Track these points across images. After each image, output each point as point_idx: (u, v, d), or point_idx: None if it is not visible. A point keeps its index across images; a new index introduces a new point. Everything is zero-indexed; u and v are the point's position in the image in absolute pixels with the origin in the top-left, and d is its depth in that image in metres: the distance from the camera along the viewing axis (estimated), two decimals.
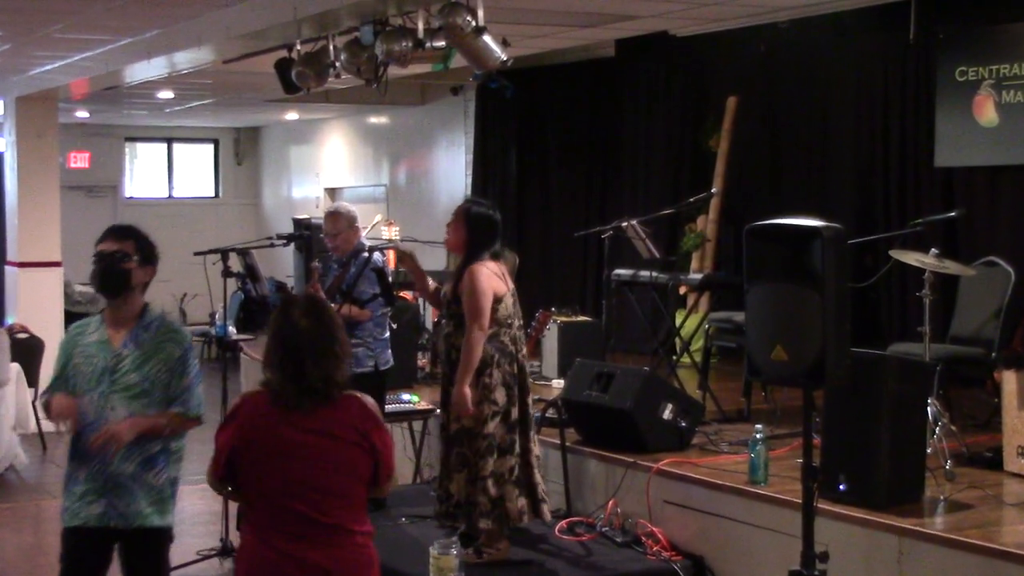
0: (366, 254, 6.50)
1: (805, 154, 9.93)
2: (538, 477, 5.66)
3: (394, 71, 6.68)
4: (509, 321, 5.57)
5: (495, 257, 5.61)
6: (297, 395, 3.33)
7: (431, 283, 5.97)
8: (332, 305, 6.11)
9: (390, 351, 6.73)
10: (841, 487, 5.17)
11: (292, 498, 3.31)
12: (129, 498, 3.99)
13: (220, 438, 3.39)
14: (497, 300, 5.50)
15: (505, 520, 5.55)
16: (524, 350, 5.71)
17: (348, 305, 6.32)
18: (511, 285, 5.66)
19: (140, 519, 4.01)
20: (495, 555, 5.63)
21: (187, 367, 4.01)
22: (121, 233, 4.09)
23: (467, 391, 5.43)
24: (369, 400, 3.51)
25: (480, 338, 5.41)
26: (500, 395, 5.50)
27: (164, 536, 4.10)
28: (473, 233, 5.55)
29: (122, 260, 4.00)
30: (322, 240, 7.09)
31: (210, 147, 18.61)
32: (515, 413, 5.56)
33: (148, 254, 4.08)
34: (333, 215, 6.75)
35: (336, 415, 3.38)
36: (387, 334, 6.69)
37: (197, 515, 7.53)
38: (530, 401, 5.69)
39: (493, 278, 5.51)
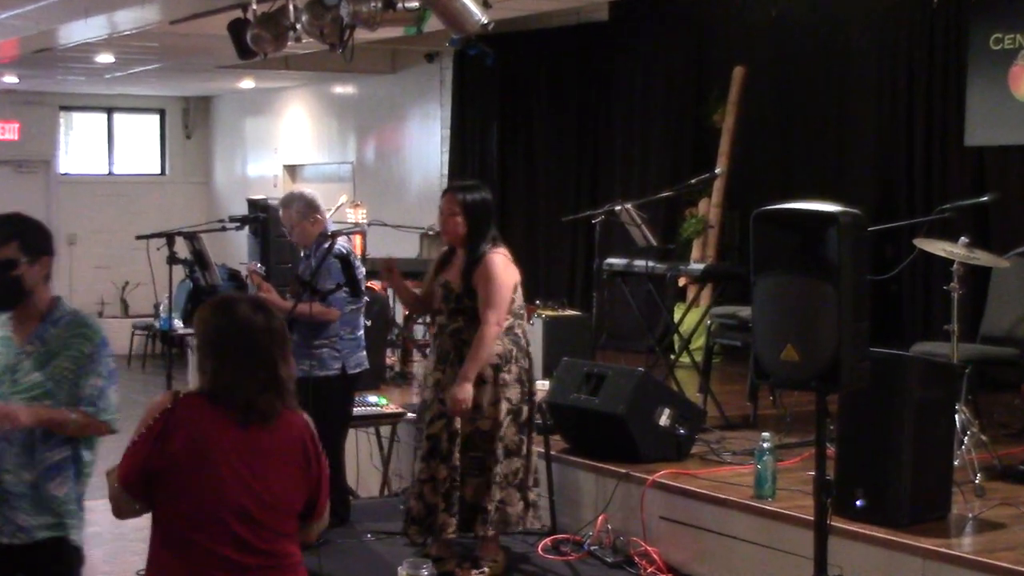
0: (327, 240, 6.43)
1: (820, 131, 9.93)
2: (531, 481, 5.80)
3: (361, 35, 6.64)
4: (522, 312, 5.77)
5: (497, 241, 5.73)
6: (256, 403, 3.22)
7: (412, 289, 6.04)
8: (300, 302, 6.12)
9: (364, 353, 6.64)
10: (858, 503, 5.18)
11: (225, 524, 3.18)
12: (28, 510, 3.93)
13: (140, 445, 3.22)
14: (514, 289, 5.68)
15: (503, 525, 5.68)
16: (530, 344, 5.84)
17: (309, 301, 6.23)
18: None
19: (42, 532, 3.94)
20: (495, 568, 5.73)
21: (98, 365, 3.95)
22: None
23: (470, 388, 5.50)
24: (309, 420, 3.42)
25: (496, 333, 5.55)
26: (514, 393, 5.66)
27: (73, 555, 4.02)
28: (473, 222, 5.67)
29: (7, 270, 3.92)
30: (280, 225, 7.01)
31: (155, 118, 18.51)
32: (525, 412, 5.71)
33: (36, 246, 3.98)
34: (285, 206, 6.62)
35: (283, 433, 3.27)
36: (359, 333, 6.60)
37: (139, 529, 7.48)
38: (536, 400, 5.85)
39: (510, 266, 5.69)
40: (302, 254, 6.70)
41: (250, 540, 3.19)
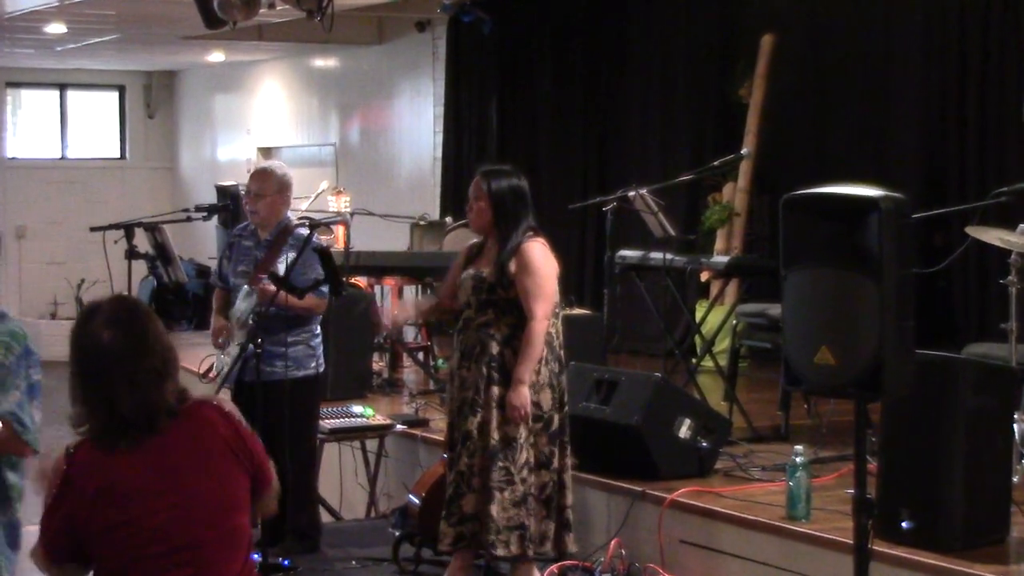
0: (304, 231, 6.43)
1: (859, 106, 9.91)
2: (571, 499, 5.84)
3: (343, 0, 6.61)
4: (557, 309, 5.85)
5: (535, 230, 5.81)
6: (112, 431, 3.20)
7: (439, 297, 6.22)
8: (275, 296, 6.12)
9: (323, 351, 6.73)
10: (903, 525, 5.16)
11: (161, 568, 3.19)
12: None
13: (52, 515, 3.22)
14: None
15: (523, 544, 5.68)
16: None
17: (287, 296, 6.22)
18: None
19: None
20: None
21: (16, 378, 3.91)
22: None
23: (526, 392, 5.66)
24: (221, 399, 3.45)
25: (544, 329, 5.69)
26: (545, 398, 5.75)
27: None
28: (501, 210, 5.76)
29: None
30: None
31: (114, 96, 18.53)
32: (557, 421, 5.78)
33: None
34: (262, 173, 6.63)
35: (192, 432, 3.27)
36: (319, 329, 6.67)
37: None
38: (567, 408, 5.88)
39: (551, 257, 5.80)
40: (246, 243, 6.61)
41: None
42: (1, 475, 3.97)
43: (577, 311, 9.23)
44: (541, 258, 5.73)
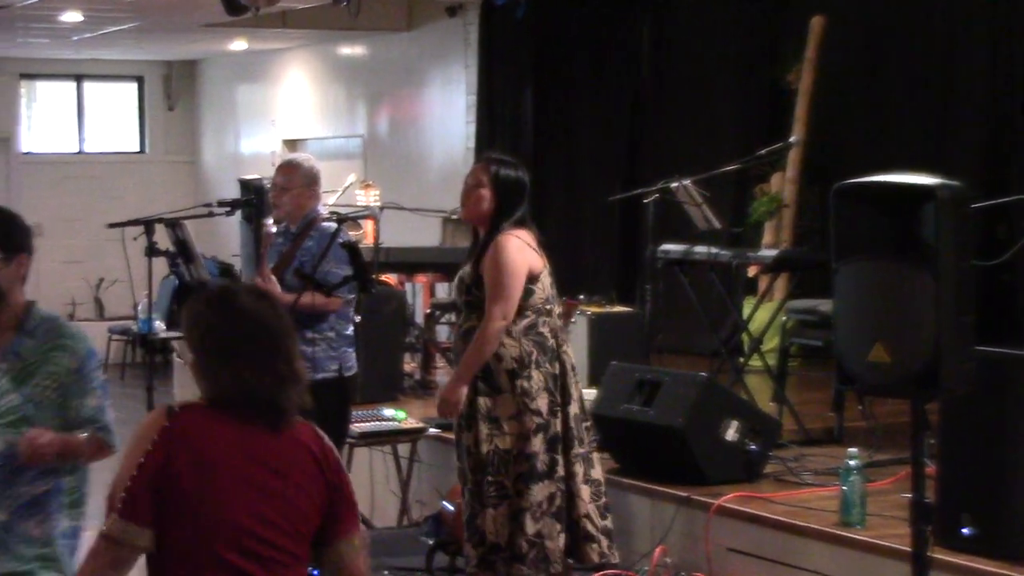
0: (331, 225, 6.46)
1: (915, 90, 9.87)
2: (586, 508, 5.72)
3: None
4: (548, 307, 5.70)
5: (521, 223, 5.68)
6: (279, 402, 3.28)
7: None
8: (287, 292, 6.15)
9: (354, 353, 6.71)
10: (964, 531, 5.16)
11: (236, 551, 3.24)
12: (4, 555, 3.94)
13: (142, 473, 3.25)
14: (532, 279, 5.62)
15: (545, 563, 5.60)
16: (567, 344, 5.80)
17: (311, 292, 6.28)
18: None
19: None
20: None
21: (89, 382, 3.96)
22: None
23: (463, 389, 5.55)
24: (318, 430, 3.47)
25: (499, 330, 5.51)
26: (542, 403, 5.61)
27: None
28: (503, 200, 5.66)
29: None
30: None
31: (133, 87, 18.62)
32: (556, 426, 5.65)
33: (13, 242, 4.01)
34: (288, 165, 6.72)
35: (295, 441, 3.34)
36: (351, 330, 6.68)
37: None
38: (573, 411, 5.75)
39: (526, 250, 5.62)
40: (274, 230, 6.65)
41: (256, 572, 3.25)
42: (59, 483, 4.00)
43: (617, 308, 9.25)
44: (511, 252, 5.54)
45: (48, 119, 18.42)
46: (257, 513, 3.25)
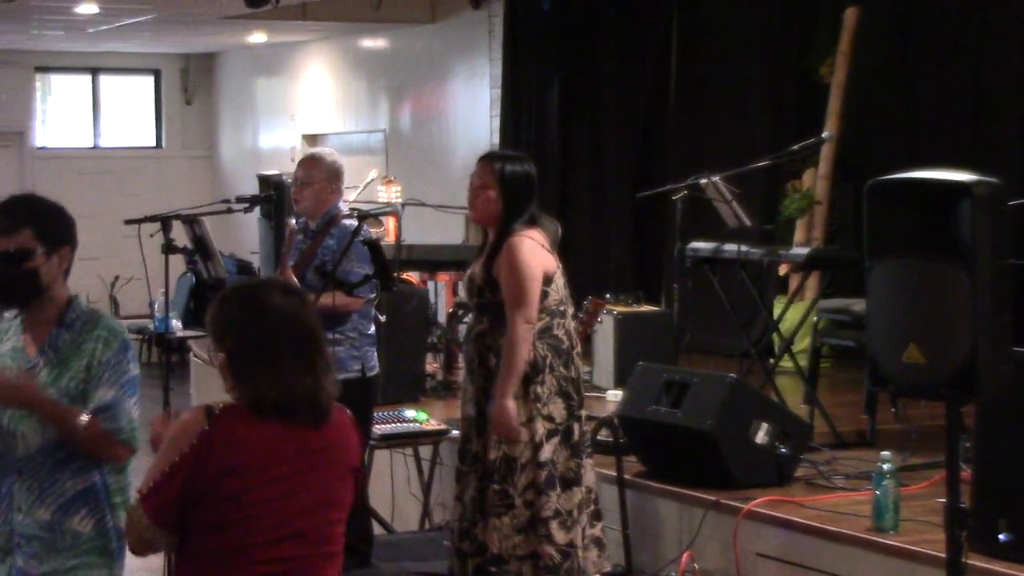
0: (352, 222, 6.49)
1: (951, 84, 9.84)
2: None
3: None
4: (562, 308, 5.68)
5: (532, 223, 5.66)
6: (320, 400, 3.36)
7: None
8: (308, 291, 6.17)
9: (375, 353, 6.75)
10: (1001, 537, 5.14)
11: (274, 557, 3.30)
12: (47, 555, 3.96)
13: (175, 474, 3.27)
14: (547, 281, 5.60)
15: (581, 575, 5.61)
16: (579, 346, 5.79)
17: (334, 292, 6.31)
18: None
19: None
20: None
21: (113, 374, 3.97)
22: (10, 220, 3.98)
23: (511, 404, 5.50)
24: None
25: (527, 333, 5.49)
26: (557, 408, 5.60)
27: None
28: (511, 200, 5.62)
29: (21, 261, 3.95)
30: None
31: (149, 80, 18.69)
32: (577, 431, 5.66)
33: (56, 235, 4.02)
34: (309, 159, 6.76)
35: (333, 433, 3.42)
36: (373, 329, 6.70)
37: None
38: (583, 415, 5.76)
39: (539, 251, 5.59)
40: (296, 226, 6.68)
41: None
42: (104, 479, 4.02)
43: (645, 308, 9.25)
44: (525, 253, 5.53)
45: (63, 113, 18.51)
46: (297, 517, 3.31)
